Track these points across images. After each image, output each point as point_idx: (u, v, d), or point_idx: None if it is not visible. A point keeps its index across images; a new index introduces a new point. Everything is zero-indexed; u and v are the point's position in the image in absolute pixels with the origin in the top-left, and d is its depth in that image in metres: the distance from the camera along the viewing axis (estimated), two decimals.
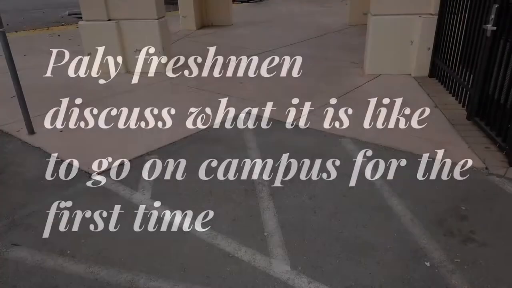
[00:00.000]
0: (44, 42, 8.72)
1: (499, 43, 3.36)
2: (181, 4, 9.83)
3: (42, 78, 6.00)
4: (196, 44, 8.19)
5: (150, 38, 5.96)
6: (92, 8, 5.88)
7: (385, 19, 5.28)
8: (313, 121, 4.09)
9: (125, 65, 6.14)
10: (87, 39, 6.06)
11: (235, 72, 6.03)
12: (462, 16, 4.36)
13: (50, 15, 13.48)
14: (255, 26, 10.21)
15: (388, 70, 5.53)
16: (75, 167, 3.33)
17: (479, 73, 3.67)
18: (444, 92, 4.73)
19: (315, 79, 5.54)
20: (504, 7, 3.28)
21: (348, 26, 9.65)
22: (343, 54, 6.92)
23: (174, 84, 5.55)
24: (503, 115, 3.25)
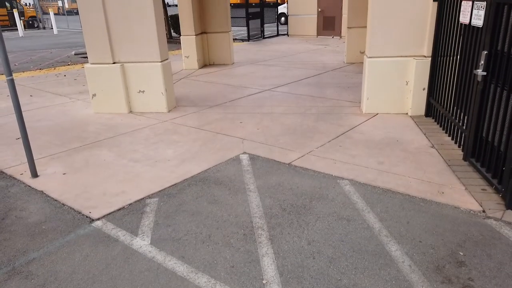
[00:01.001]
0: (50, 83, 8.97)
1: (490, 87, 3.47)
2: (184, 44, 10.17)
3: (47, 119, 6.15)
4: (198, 83, 8.41)
5: (153, 80, 6.15)
6: (98, 52, 6.11)
7: (380, 61, 5.46)
8: (312, 162, 4.16)
9: (128, 105, 6.30)
10: (92, 81, 6.25)
11: (235, 111, 6.17)
12: (454, 59, 4.52)
13: (57, 55, 13.92)
14: (255, 64, 10.51)
15: (385, 109, 5.66)
16: (76, 211, 3.37)
17: (472, 115, 3.77)
18: (440, 132, 4.82)
19: (314, 118, 5.65)
20: (493, 53, 3.42)
21: (345, 64, 9.92)
22: (341, 92, 7.08)
23: (175, 124, 5.67)
24: (497, 158, 3.31)
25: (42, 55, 13.93)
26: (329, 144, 4.65)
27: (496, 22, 3.36)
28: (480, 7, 3.64)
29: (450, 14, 4.61)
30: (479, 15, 3.65)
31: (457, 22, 4.37)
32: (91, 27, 6.01)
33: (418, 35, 5.24)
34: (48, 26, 27.55)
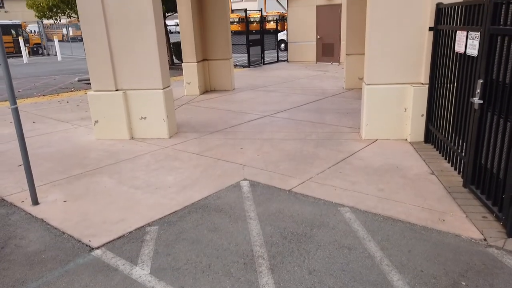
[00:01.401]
0: (53, 109, 9.08)
1: (487, 115, 3.52)
2: (186, 71, 10.34)
3: (49, 145, 6.20)
4: (199, 109, 8.51)
5: (155, 107, 6.23)
6: (101, 79, 6.22)
7: (378, 88, 5.54)
8: (312, 188, 4.17)
9: (130, 132, 6.36)
10: (94, 107, 6.34)
11: (235, 137, 6.22)
12: (451, 87, 4.60)
13: (60, 81, 14.13)
14: (255, 90, 10.65)
15: (384, 135, 5.71)
16: (76, 239, 3.36)
17: (470, 142, 3.80)
18: (440, 158, 4.84)
19: (314, 144, 5.69)
20: (489, 82, 3.49)
21: (344, 90, 10.05)
22: (341, 118, 7.16)
23: (176, 150, 5.71)
24: (496, 185, 3.32)
25: (45, 82, 14.14)
26: (329, 171, 4.67)
27: (490, 52, 3.44)
28: (474, 37, 3.74)
29: (445, 43, 4.72)
30: (474, 45, 3.74)
31: (453, 51, 4.47)
32: (95, 56, 6.14)
33: (415, 63, 5.35)
34: (53, 53, 28.07)
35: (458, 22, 4.31)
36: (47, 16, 13.57)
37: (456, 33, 4.28)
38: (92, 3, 5.89)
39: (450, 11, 4.55)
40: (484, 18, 3.51)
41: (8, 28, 27.00)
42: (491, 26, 3.38)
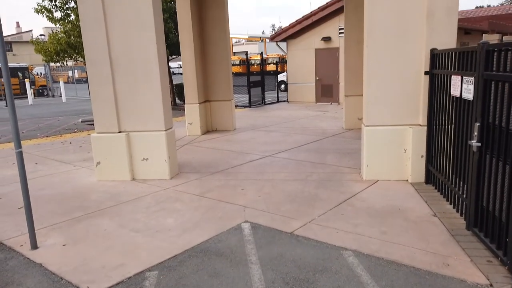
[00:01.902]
0: (56, 150, 9.16)
1: (486, 157, 3.56)
2: (188, 112, 10.53)
3: (50, 187, 6.20)
4: (200, 149, 8.58)
5: (157, 148, 6.30)
6: (105, 122, 6.33)
7: (377, 129, 5.62)
8: (314, 231, 4.12)
9: (131, 173, 6.39)
10: (97, 149, 6.40)
11: (236, 178, 6.23)
12: (449, 128, 4.66)
13: (64, 122, 14.35)
14: (256, 130, 10.78)
15: (385, 176, 5.72)
16: (74, 286, 3.29)
17: (471, 185, 3.81)
18: (442, 200, 4.83)
19: (315, 185, 5.69)
20: (485, 125, 3.55)
21: (344, 130, 10.17)
22: (341, 158, 7.20)
23: (177, 191, 5.71)
24: (500, 228, 3.29)
25: (49, 123, 14.35)
26: (331, 212, 4.64)
27: (485, 96, 3.53)
28: (469, 82, 3.85)
29: (441, 87, 4.85)
30: (469, 89, 3.85)
31: (449, 94, 4.58)
32: (100, 98, 6.29)
33: (413, 105, 5.46)
34: (57, 94, 28.65)
35: (452, 67, 4.45)
36: (54, 60, 14.01)
37: (451, 77, 4.41)
38: (99, 48, 6.11)
39: (444, 56, 4.71)
40: (477, 64, 3.63)
41: (15, 71, 27.78)
42: (485, 72, 3.49)
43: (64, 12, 13.26)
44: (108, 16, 6.02)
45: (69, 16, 13.27)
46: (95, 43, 6.12)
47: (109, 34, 6.08)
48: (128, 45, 6.07)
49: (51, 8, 13.10)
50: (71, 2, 12.97)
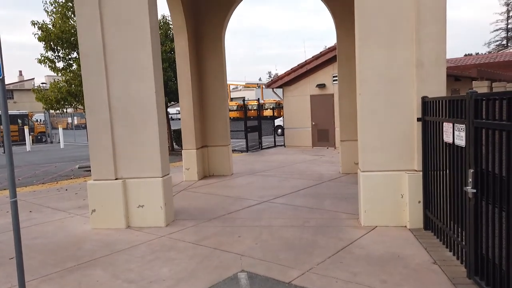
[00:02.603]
0: (51, 197, 9.08)
1: (482, 204, 3.56)
2: (185, 157, 10.57)
3: (43, 236, 6.09)
4: (197, 195, 8.52)
5: (154, 195, 6.26)
6: (102, 169, 6.34)
7: (374, 175, 5.65)
8: (313, 281, 4.02)
9: (126, 221, 6.30)
10: (93, 197, 6.36)
11: (233, 224, 6.15)
12: (444, 174, 4.70)
13: (61, 169, 14.33)
14: (253, 175, 10.78)
15: (383, 222, 5.66)
16: None
17: (469, 232, 3.78)
18: (441, 247, 4.76)
19: (313, 232, 5.62)
20: (479, 171, 3.59)
21: (341, 175, 10.19)
22: (339, 204, 7.15)
23: (172, 239, 5.60)
24: (500, 277, 3.23)
25: (46, 169, 14.32)
26: (330, 260, 4.55)
27: (477, 143, 3.60)
28: (460, 129, 3.94)
29: (434, 133, 4.94)
30: (461, 136, 3.93)
31: (442, 140, 4.66)
32: (98, 147, 6.34)
33: (407, 150, 5.54)
34: (56, 141, 28.83)
35: (443, 115, 4.57)
36: (54, 108, 14.27)
37: (443, 124, 4.51)
38: (99, 96, 6.25)
39: (435, 104, 4.85)
40: (467, 112, 3.74)
41: (15, 118, 28.14)
42: (475, 120, 3.59)
43: (66, 62, 13.68)
44: (109, 67, 6.22)
45: (71, 66, 13.69)
46: (95, 92, 6.27)
47: (109, 84, 6.25)
48: (128, 94, 6.23)
49: (54, 58, 13.54)
50: (74, 53, 13.43)
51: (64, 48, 13.26)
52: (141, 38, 6.11)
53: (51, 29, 13.04)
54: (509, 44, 51.87)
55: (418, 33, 5.29)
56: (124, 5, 6.10)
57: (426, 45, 5.28)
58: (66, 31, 12.86)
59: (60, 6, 13.29)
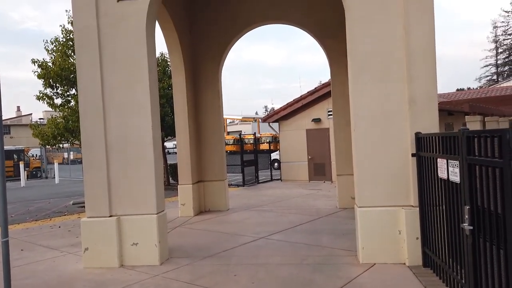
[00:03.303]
0: (44, 235, 8.90)
1: (480, 241, 3.53)
2: (181, 193, 10.49)
3: (34, 276, 5.92)
4: (193, 231, 8.39)
5: (148, 232, 6.16)
6: (96, 206, 6.27)
7: (370, 211, 5.62)
8: None
9: (120, 259, 6.16)
10: (86, 234, 6.25)
11: (229, 262, 6.02)
12: (441, 210, 4.67)
13: (55, 205, 14.14)
14: (250, 210, 10.67)
15: (382, 259, 5.57)
16: None
17: (468, 270, 3.72)
18: (441, 285, 4.66)
19: (311, 270, 5.50)
20: (475, 208, 3.58)
21: (338, 209, 10.11)
22: (337, 240, 7.05)
23: (166, 279, 5.46)
24: None
25: (40, 206, 14.13)
26: None
27: (471, 180, 3.62)
28: (454, 165, 3.97)
29: (429, 168, 4.97)
30: (455, 172, 3.95)
31: (437, 176, 4.67)
32: (93, 183, 6.30)
33: (403, 186, 5.54)
34: (51, 176, 28.63)
35: (437, 150, 4.61)
36: (51, 144, 14.28)
37: (437, 160, 4.55)
38: (95, 133, 6.28)
39: (428, 140, 4.90)
40: (460, 148, 3.78)
41: (11, 153, 28.06)
42: (468, 156, 3.63)
43: (64, 99, 13.84)
44: (106, 104, 6.29)
45: (69, 102, 13.84)
46: (92, 128, 6.31)
47: (106, 121, 6.30)
48: (125, 131, 6.26)
49: (52, 95, 13.70)
50: (72, 89, 13.61)
51: (63, 85, 13.46)
52: (139, 78, 6.23)
53: (50, 67, 13.29)
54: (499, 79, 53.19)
55: (409, 71, 5.43)
56: (124, 47, 6.26)
57: (417, 83, 5.42)
58: (66, 69, 13.10)
59: (61, 44, 13.61)
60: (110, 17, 6.28)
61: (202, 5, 10.90)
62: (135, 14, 6.24)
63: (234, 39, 10.94)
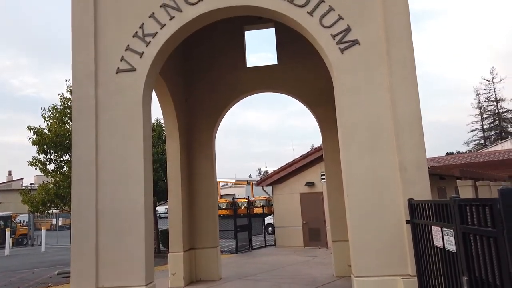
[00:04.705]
0: None
1: None
2: (171, 261, 10.10)
3: None
4: None
5: None
6: (83, 277, 6.00)
7: (367, 281, 5.44)
8: None
9: None
10: None
11: None
12: (439, 279, 4.54)
13: (39, 275, 13.46)
14: (243, 279, 10.24)
15: None
16: None
17: None
18: None
19: None
20: (473, 279, 3.49)
21: (335, 278, 9.74)
22: None
23: None
24: None
25: (23, 276, 13.44)
26: None
27: (467, 249, 3.57)
28: (449, 234, 3.94)
29: (424, 236, 4.90)
30: (450, 241, 3.90)
31: (433, 244, 4.60)
32: (80, 255, 6.08)
33: (399, 254, 5.43)
34: (37, 243, 27.58)
35: (431, 218, 4.59)
36: (40, 210, 13.98)
37: (432, 228, 4.51)
38: (87, 200, 6.19)
39: (422, 207, 4.90)
40: (453, 217, 3.78)
41: None
42: (461, 225, 3.61)
43: (57, 165, 13.81)
44: (99, 172, 6.29)
45: (62, 168, 13.78)
46: (84, 196, 6.24)
47: (98, 188, 6.25)
48: (117, 199, 6.20)
49: (45, 161, 13.68)
50: (66, 155, 13.63)
51: (57, 151, 13.50)
52: (134, 146, 6.30)
53: (46, 134, 13.43)
54: (487, 143, 54.60)
55: (397, 141, 5.60)
56: (120, 115, 6.41)
57: (406, 151, 5.56)
58: (61, 135, 13.24)
59: (58, 112, 13.89)
60: (108, 87, 6.51)
61: (198, 75, 11.38)
62: (132, 84, 6.48)
63: (228, 107, 11.29)
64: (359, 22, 6.00)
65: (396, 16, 5.87)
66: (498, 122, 57.24)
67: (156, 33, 6.47)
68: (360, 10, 6.03)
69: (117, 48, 6.51)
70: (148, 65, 6.45)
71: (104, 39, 6.55)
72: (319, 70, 10.49)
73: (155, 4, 6.52)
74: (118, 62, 6.49)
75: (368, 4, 6.03)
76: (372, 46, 5.92)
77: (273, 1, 6.21)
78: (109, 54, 6.52)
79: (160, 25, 6.47)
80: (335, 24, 6.04)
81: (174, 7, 6.46)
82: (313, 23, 6.09)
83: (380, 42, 5.89)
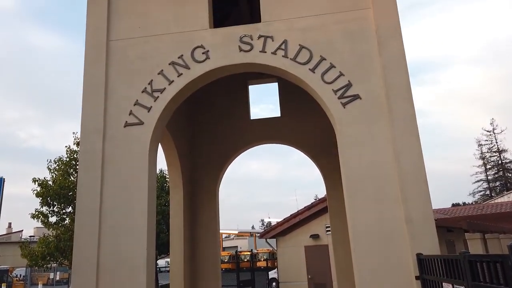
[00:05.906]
0: None
1: None
2: None
3: None
4: None
5: None
6: None
7: None
8: None
9: None
10: None
11: None
12: None
13: None
14: None
15: None
16: None
17: None
18: None
19: None
20: None
21: None
22: None
23: None
24: None
25: None
26: None
27: None
28: None
29: None
30: None
31: None
32: None
33: None
34: None
35: (441, 274, 4.46)
36: (39, 264, 13.67)
37: (443, 285, 4.37)
38: (88, 253, 6.06)
39: (431, 262, 4.78)
40: (464, 273, 3.68)
41: None
42: (473, 282, 3.51)
43: (60, 217, 13.70)
44: (103, 224, 6.23)
45: (64, 220, 13.66)
46: (86, 249, 6.12)
47: (101, 241, 6.15)
48: (118, 251, 6.08)
49: (48, 213, 13.60)
50: (69, 207, 13.57)
51: (60, 203, 13.46)
52: (138, 198, 6.30)
53: (50, 186, 13.46)
54: (492, 194, 53.89)
55: (402, 193, 5.58)
56: (126, 168, 6.47)
57: (412, 204, 5.51)
58: (65, 187, 13.27)
59: (64, 164, 14.03)
60: (115, 140, 6.63)
61: (202, 127, 11.61)
62: (139, 137, 6.61)
63: (232, 158, 11.39)
64: (359, 78, 6.22)
65: (395, 71, 6.10)
66: (502, 172, 56.91)
67: (164, 88, 6.71)
68: (360, 67, 6.28)
69: (126, 103, 6.72)
70: (155, 119, 6.62)
71: (114, 95, 6.79)
72: (322, 123, 10.70)
73: (165, 61, 6.83)
74: (126, 116, 6.67)
75: (367, 61, 6.28)
76: (373, 100, 6.09)
77: (276, 59, 6.50)
78: (118, 109, 6.72)
79: (168, 81, 6.72)
80: (336, 80, 6.26)
81: (183, 64, 6.75)
82: (315, 79, 6.32)
83: (381, 96, 6.07)
